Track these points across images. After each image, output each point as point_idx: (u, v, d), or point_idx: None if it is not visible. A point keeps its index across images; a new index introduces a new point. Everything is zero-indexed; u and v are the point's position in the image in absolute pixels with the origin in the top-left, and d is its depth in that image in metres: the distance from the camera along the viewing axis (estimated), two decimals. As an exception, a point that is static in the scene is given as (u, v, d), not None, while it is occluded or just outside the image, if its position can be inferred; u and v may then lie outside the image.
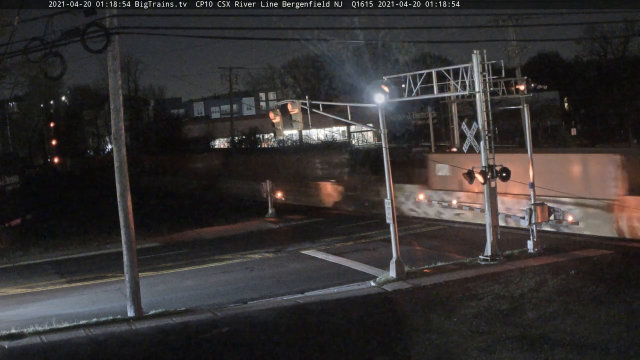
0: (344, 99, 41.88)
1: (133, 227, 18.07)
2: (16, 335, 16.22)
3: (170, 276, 23.15)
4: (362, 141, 73.12)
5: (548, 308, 16.12)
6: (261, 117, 72.00)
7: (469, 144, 22.26)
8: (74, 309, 19.01)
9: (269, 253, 25.92)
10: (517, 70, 45.19)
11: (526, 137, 23.67)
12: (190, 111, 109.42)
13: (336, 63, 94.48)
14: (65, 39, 16.58)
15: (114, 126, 17.95)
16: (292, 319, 17.02)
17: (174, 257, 26.36)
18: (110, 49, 17.41)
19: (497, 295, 17.45)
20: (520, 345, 13.76)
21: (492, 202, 21.71)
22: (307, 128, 24.21)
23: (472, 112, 35.36)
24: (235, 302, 18.97)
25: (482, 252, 21.58)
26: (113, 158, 18.05)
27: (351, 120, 24.97)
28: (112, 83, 17.87)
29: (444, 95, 25.19)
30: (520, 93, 23.31)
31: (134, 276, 17.94)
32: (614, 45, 63.77)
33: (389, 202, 20.46)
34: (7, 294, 21.81)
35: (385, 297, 18.51)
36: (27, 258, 27.92)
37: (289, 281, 21.22)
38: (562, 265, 20.01)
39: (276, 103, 76.51)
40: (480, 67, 21.51)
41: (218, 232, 31.89)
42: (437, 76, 22.42)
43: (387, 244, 21.04)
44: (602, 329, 14.36)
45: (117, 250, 20.43)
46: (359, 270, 21.85)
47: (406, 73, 23.19)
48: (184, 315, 17.52)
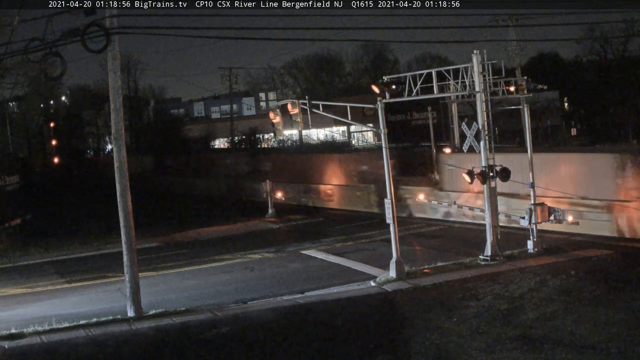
0: (344, 99, 41.87)
1: (133, 227, 18.07)
2: (16, 335, 16.22)
3: (170, 276, 23.15)
4: (362, 141, 73.08)
5: (548, 308, 16.12)
6: (261, 117, 71.92)
7: (469, 144, 22.27)
8: (74, 309, 19.01)
9: (269, 253, 25.93)
10: (517, 70, 45.20)
11: (526, 137, 23.68)
12: (190, 111, 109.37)
13: (336, 63, 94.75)
14: (65, 39, 16.57)
15: (114, 126, 17.95)
16: (292, 319, 17.01)
17: (174, 257, 26.37)
18: (110, 49, 17.41)
19: (497, 295, 17.45)
20: (520, 345, 13.76)
21: (492, 202, 21.71)
22: (307, 128, 24.22)
23: (472, 112, 35.35)
24: (235, 302, 18.97)
25: (482, 252, 21.59)
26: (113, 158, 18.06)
27: (351, 120, 24.97)
28: (112, 83, 17.87)
29: (444, 95, 25.19)
30: (520, 93, 23.33)
31: (134, 276, 17.93)
32: (614, 45, 63.69)
33: (389, 202, 20.46)
34: (7, 294, 21.81)
35: (385, 297, 18.51)
36: (27, 258, 27.93)
37: (289, 281, 21.22)
38: (562, 265, 20.01)
39: (276, 103, 76.55)
40: (480, 67, 21.53)
41: (218, 232, 31.89)
42: (437, 76, 22.43)
43: (387, 244, 21.04)
44: (602, 329, 14.36)
45: (117, 250, 20.43)
46: (359, 270, 21.85)
47: (406, 73, 23.21)
48: (184, 315, 17.52)
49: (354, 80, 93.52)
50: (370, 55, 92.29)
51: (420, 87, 22.43)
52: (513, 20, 45.04)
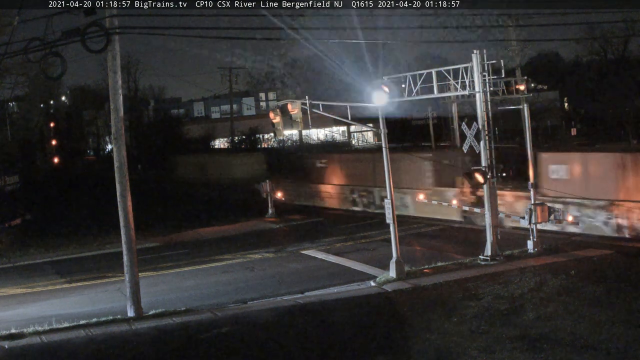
0: (344, 99, 41.59)
1: (133, 227, 18.07)
2: (16, 335, 16.21)
3: (170, 276, 23.14)
4: (362, 141, 73.07)
5: (548, 308, 16.12)
6: (261, 117, 71.83)
7: (469, 143, 22.27)
8: (74, 309, 19.00)
9: (269, 253, 25.92)
10: (517, 70, 45.12)
11: (526, 137, 23.68)
12: (190, 111, 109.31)
13: (336, 63, 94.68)
14: (65, 39, 16.57)
15: (114, 126, 17.95)
16: (292, 319, 17.00)
17: (174, 257, 26.35)
18: (110, 49, 17.41)
19: (497, 295, 17.45)
20: (520, 345, 13.76)
21: (492, 202, 21.71)
22: (307, 128, 24.20)
23: (472, 112, 35.32)
24: (235, 302, 18.97)
25: (482, 252, 21.59)
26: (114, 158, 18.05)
27: (351, 120, 24.95)
28: (112, 83, 17.87)
29: (444, 95, 25.16)
30: (520, 93, 23.32)
31: (134, 276, 17.93)
32: (614, 45, 63.67)
33: (389, 202, 20.47)
34: (7, 294, 21.80)
35: (386, 297, 18.51)
36: (27, 258, 27.92)
37: (289, 281, 21.22)
38: (562, 265, 20.01)
39: (276, 103, 76.34)
40: (480, 67, 21.52)
41: (218, 232, 31.88)
42: (437, 76, 22.43)
43: (387, 244, 21.03)
44: (602, 329, 14.36)
45: (117, 250, 20.41)
46: (359, 270, 21.85)
47: (406, 73, 23.21)
48: (184, 315, 17.52)
49: (354, 80, 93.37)
50: (370, 55, 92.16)
51: (420, 87, 22.44)
52: (513, 20, 44.95)
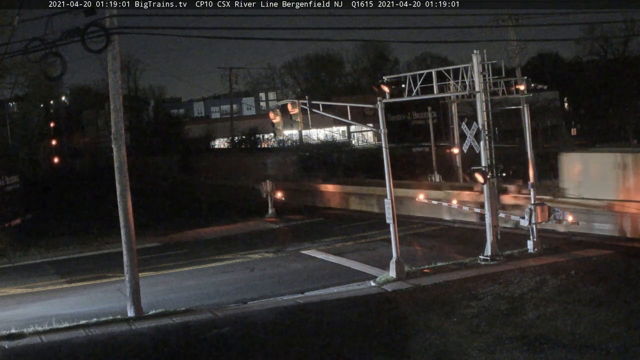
0: (344, 99, 41.66)
1: (133, 227, 18.07)
2: (16, 335, 16.22)
3: (170, 276, 23.14)
4: (362, 141, 73.05)
5: (548, 308, 16.13)
6: (261, 117, 71.83)
7: (469, 143, 22.29)
8: (74, 309, 19.00)
9: (269, 253, 25.92)
10: (517, 70, 45.15)
11: (526, 137, 23.69)
12: (190, 111, 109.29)
13: (336, 63, 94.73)
14: (65, 39, 16.55)
15: (114, 126, 17.94)
16: (292, 319, 17.01)
17: (174, 257, 26.35)
18: (110, 49, 17.41)
19: (497, 295, 17.45)
20: (520, 345, 13.77)
21: (492, 202, 21.71)
22: (307, 128, 24.22)
23: (472, 112, 35.34)
24: (235, 302, 18.97)
25: (482, 251, 21.59)
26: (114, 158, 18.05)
27: (351, 120, 24.97)
28: (112, 83, 17.87)
29: (444, 95, 25.20)
30: (520, 93, 23.33)
31: (134, 276, 17.93)
32: (614, 45, 63.73)
33: (389, 202, 20.47)
34: (7, 294, 21.80)
35: (385, 297, 18.51)
36: (27, 258, 27.91)
37: (289, 281, 21.22)
38: (562, 266, 20.01)
39: (276, 103, 76.42)
40: (480, 67, 21.53)
41: (218, 232, 31.87)
42: (437, 76, 22.45)
43: (387, 244, 21.04)
44: (602, 329, 14.37)
45: (117, 250, 20.41)
46: (359, 270, 21.84)
47: (406, 73, 23.22)
48: (184, 315, 17.52)
49: (354, 80, 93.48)
50: (370, 55, 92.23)
51: (420, 87, 22.44)
52: (513, 20, 44.97)
